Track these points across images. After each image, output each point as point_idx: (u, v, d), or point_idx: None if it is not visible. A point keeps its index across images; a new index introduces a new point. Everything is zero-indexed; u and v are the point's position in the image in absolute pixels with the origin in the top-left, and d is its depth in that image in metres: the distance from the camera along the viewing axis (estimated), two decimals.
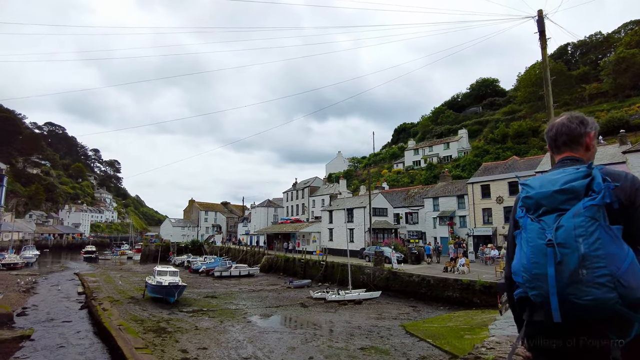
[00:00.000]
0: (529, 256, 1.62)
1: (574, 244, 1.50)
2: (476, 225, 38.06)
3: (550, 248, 1.54)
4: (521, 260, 1.67)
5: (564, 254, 1.51)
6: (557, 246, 1.52)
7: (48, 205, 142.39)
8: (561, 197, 1.60)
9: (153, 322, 21.48)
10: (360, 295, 27.84)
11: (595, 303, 1.47)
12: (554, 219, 1.58)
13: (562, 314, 1.53)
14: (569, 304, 1.51)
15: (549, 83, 11.19)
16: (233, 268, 45.47)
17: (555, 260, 1.52)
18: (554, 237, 1.54)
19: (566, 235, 1.52)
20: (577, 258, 1.48)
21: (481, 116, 79.37)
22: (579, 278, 1.48)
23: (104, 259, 77.27)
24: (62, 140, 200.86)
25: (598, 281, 1.46)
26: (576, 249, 1.49)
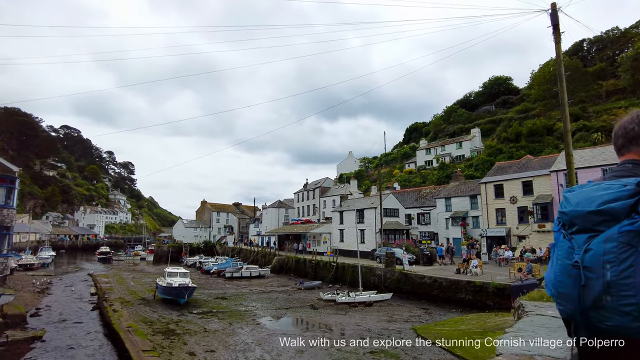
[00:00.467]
0: (556, 273, 1.60)
1: (600, 270, 1.43)
2: (489, 226, 37.38)
3: (576, 270, 1.49)
4: (549, 275, 1.65)
5: (588, 278, 1.45)
6: (583, 269, 1.46)
7: (64, 207, 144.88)
8: (596, 219, 1.49)
9: (162, 323, 21.48)
10: (370, 297, 27.50)
11: (616, 330, 1.43)
12: (585, 240, 1.50)
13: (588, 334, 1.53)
14: (592, 326, 1.49)
15: (563, 79, 10.78)
16: (244, 269, 45.52)
17: (579, 282, 1.47)
18: (581, 259, 1.48)
19: (594, 260, 1.45)
20: (602, 285, 1.42)
21: (494, 115, 78.15)
22: (602, 304, 1.42)
23: (118, 259, 78.11)
24: (77, 142, 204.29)
25: (623, 309, 1.39)
26: (602, 275, 1.42)
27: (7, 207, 20.93)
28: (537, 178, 34.76)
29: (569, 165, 11.41)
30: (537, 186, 34.72)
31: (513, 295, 17.76)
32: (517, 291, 17.18)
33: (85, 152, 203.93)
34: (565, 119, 11.16)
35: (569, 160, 11.34)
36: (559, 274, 1.57)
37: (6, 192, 20.67)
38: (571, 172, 11.45)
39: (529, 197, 34.90)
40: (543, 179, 34.37)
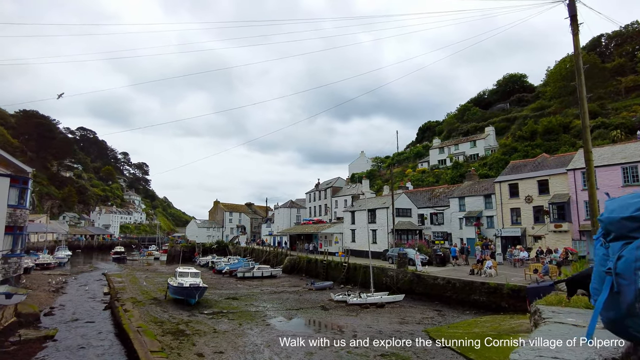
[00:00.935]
0: (593, 280, 1.62)
1: (632, 277, 1.42)
2: (504, 226, 36.62)
3: (610, 276, 1.49)
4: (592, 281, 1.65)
5: (621, 285, 1.45)
6: (616, 276, 1.47)
7: (80, 207, 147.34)
8: (631, 225, 1.49)
9: (172, 324, 21.46)
10: (382, 298, 27.13)
11: None
12: (620, 248, 1.50)
13: None
14: (627, 335, 1.50)
15: (581, 71, 10.32)
16: (255, 269, 45.49)
17: (612, 289, 1.47)
18: (613, 266, 1.48)
19: (625, 266, 1.45)
20: (634, 291, 1.40)
21: (509, 113, 76.84)
22: (635, 312, 1.41)
23: (132, 259, 78.95)
24: (93, 144, 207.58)
25: None
26: (633, 282, 1.41)
27: (20, 208, 21.12)
28: (554, 177, 33.91)
29: (588, 162, 10.94)
30: (553, 185, 33.87)
31: (529, 298, 17.19)
32: (533, 293, 16.59)
33: (100, 153, 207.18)
34: (584, 114, 10.68)
35: (588, 157, 10.87)
36: (594, 280, 1.58)
37: (19, 193, 20.86)
38: (590, 170, 10.98)
39: (545, 196, 34.07)
40: (559, 178, 33.52)
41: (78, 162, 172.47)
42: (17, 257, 21.02)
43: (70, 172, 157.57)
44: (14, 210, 20.55)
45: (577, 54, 10.62)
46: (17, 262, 20.84)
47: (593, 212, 11.47)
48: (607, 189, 30.45)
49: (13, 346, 17.42)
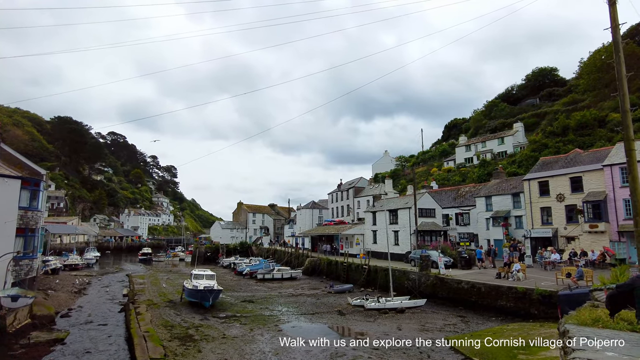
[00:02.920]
0: None
1: None
2: (534, 226, 34.46)
3: None
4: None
5: None
6: None
7: (110, 210, 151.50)
8: None
9: (183, 328, 20.89)
10: (402, 303, 25.78)
11: None
12: None
13: None
14: None
15: (619, 47, 8.96)
16: (276, 271, 44.85)
17: None
18: None
19: None
20: None
21: (538, 108, 73.44)
22: None
23: (157, 260, 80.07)
24: (123, 148, 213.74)
25: None
26: None
27: (31, 210, 21.06)
28: (588, 173, 31.61)
29: (630, 152, 9.52)
30: (587, 182, 31.59)
31: (560, 305, 15.63)
32: (565, 301, 15.05)
33: (130, 157, 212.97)
34: (624, 96, 9.29)
35: (630, 146, 9.46)
36: None
37: (30, 195, 20.79)
38: (633, 161, 9.54)
39: (579, 194, 31.82)
40: (594, 175, 31.21)
41: (108, 166, 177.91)
42: (29, 259, 20.91)
43: (101, 176, 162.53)
44: (25, 212, 20.48)
45: (615, 25, 9.23)
46: (29, 264, 20.73)
47: (637, 209, 10.00)
48: None
49: (21, 349, 17.18)
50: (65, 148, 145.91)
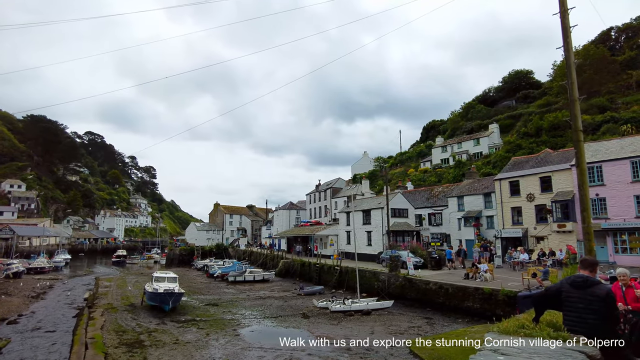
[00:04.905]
0: None
1: None
2: (505, 226, 34.37)
3: None
4: None
5: None
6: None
7: (85, 211, 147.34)
8: None
9: (135, 333, 19.80)
10: (368, 305, 25.16)
11: None
12: None
13: None
14: None
15: (568, 33, 8.46)
16: (247, 273, 43.78)
17: None
18: None
19: None
20: None
21: (514, 110, 74.15)
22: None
23: (131, 263, 78.02)
24: (100, 148, 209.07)
25: None
26: None
27: None
28: (557, 173, 31.62)
29: (578, 144, 9.11)
30: (556, 182, 31.60)
31: (519, 307, 15.19)
32: (523, 302, 14.61)
33: (108, 157, 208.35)
34: (572, 84, 8.85)
35: (577, 137, 9.05)
36: None
37: None
38: (581, 153, 9.09)
39: (548, 194, 31.81)
40: (563, 174, 31.24)
41: (85, 166, 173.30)
42: None
43: (76, 176, 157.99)
44: None
45: (564, 10, 8.78)
46: None
47: (584, 204, 9.57)
48: (616, 185, 28.20)
49: None
50: (38, 148, 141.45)
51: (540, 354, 3.79)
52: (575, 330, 4.91)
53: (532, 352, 3.88)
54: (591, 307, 4.79)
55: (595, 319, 4.75)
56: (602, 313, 4.74)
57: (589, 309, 4.79)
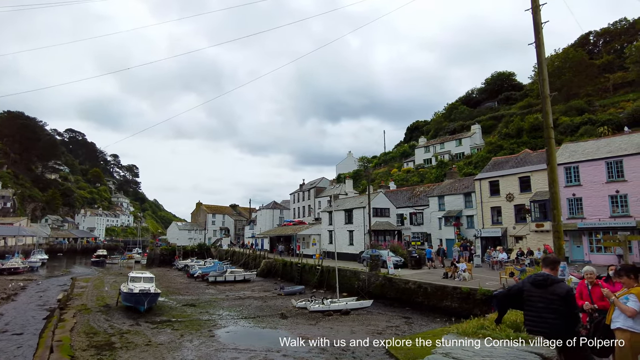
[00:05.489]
0: None
1: None
2: (484, 226, 34.66)
3: None
4: None
5: None
6: None
7: (65, 210, 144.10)
8: None
9: (107, 335, 19.22)
10: (347, 304, 25.00)
11: None
12: None
13: None
14: None
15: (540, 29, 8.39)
16: (228, 273, 43.23)
17: None
18: None
19: None
20: None
21: (496, 111, 75.21)
22: None
23: (111, 263, 76.57)
24: (82, 146, 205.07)
25: None
26: None
27: None
28: (536, 173, 31.99)
29: (549, 140, 9.06)
30: (535, 182, 31.98)
31: (494, 307, 15.26)
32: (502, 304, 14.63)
33: (89, 156, 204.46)
34: (544, 81, 8.79)
35: (548, 134, 9.02)
36: None
37: None
38: (551, 150, 9.05)
39: (527, 194, 32.18)
40: (542, 174, 31.56)
41: (65, 164, 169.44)
42: None
43: (55, 174, 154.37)
44: None
45: (536, 6, 8.72)
46: None
47: (554, 202, 9.52)
48: (591, 184, 28.65)
49: None
50: (16, 145, 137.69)
51: (494, 357, 3.62)
52: (536, 331, 4.78)
53: (485, 355, 3.72)
54: (551, 307, 4.66)
55: (555, 318, 4.62)
56: (562, 312, 4.61)
57: (550, 308, 4.66)
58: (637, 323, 5.20)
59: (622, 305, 5.26)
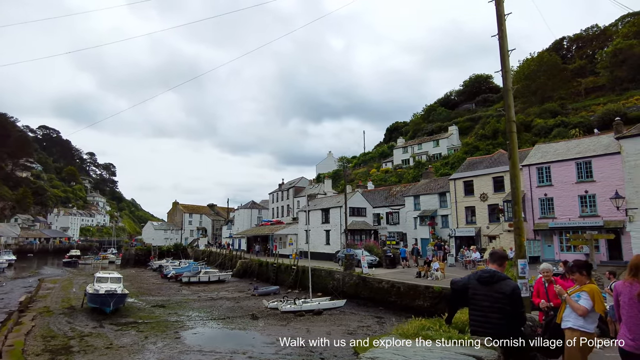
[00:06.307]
0: None
1: None
2: (458, 225, 34.87)
3: None
4: None
5: None
6: None
7: (37, 209, 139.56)
8: None
9: (65, 339, 18.39)
10: (320, 304, 24.69)
11: None
12: None
13: None
14: None
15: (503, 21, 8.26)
16: (202, 273, 42.40)
17: None
18: None
19: None
20: None
21: (474, 113, 76.25)
22: None
23: (84, 263, 74.50)
24: (56, 143, 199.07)
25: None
26: None
27: None
28: (509, 173, 32.28)
29: (510, 134, 8.93)
30: (508, 182, 32.17)
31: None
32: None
33: (64, 154, 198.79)
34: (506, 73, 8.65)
35: (510, 128, 8.90)
36: None
37: None
38: (513, 145, 8.92)
39: (501, 194, 32.50)
40: None
41: (38, 162, 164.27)
42: None
43: (27, 172, 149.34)
44: None
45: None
46: None
47: (516, 198, 9.41)
48: (562, 185, 29.10)
49: None
50: None
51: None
52: (480, 331, 4.49)
53: (417, 359, 3.42)
54: (496, 305, 4.37)
55: (500, 318, 4.33)
56: (507, 312, 4.32)
57: (494, 307, 4.37)
58: (588, 322, 5.00)
59: (574, 304, 5.06)
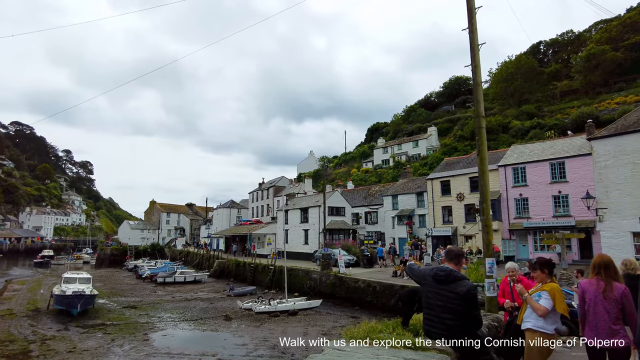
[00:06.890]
0: None
1: None
2: (435, 225, 35.03)
3: None
4: None
5: None
6: None
7: (8, 208, 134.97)
8: None
9: (25, 343, 17.58)
10: (295, 305, 24.36)
11: None
12: None
13: None
14: None
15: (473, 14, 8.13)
16: (177, 274, 41.54)
17: None
18: None
19: None
20: None
21: (453, 114, 77.18)
22: None
23: (57, 264, 72.19)
24: (30, 140, 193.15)
25: None
26: None
27: None
28: None
29: (479, 130, 8.82)
30: None
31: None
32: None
33: (38, 151, 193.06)
34: (476, 67, 8.53)
35: (479, 123, 8.79)
36: None
37: None
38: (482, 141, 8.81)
39: (477, 194, 32.67)
40: (491, 175, 31.97)
41: (9, 159, 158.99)
42: None
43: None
44: None
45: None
46: None
47: (484, 195, 9.27)
48: (537, 185, 29.50)
49: None
50: None
51: None
52: (433, 332, 4.22)
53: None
54: (449, 306, 4.10)
55: (453, 319, 4.06)
56: (461, 313, 4.05)
57: (447, 308, 4.11)
58: (548, 323, 4.80)
59: (534, 304, 4.87)
